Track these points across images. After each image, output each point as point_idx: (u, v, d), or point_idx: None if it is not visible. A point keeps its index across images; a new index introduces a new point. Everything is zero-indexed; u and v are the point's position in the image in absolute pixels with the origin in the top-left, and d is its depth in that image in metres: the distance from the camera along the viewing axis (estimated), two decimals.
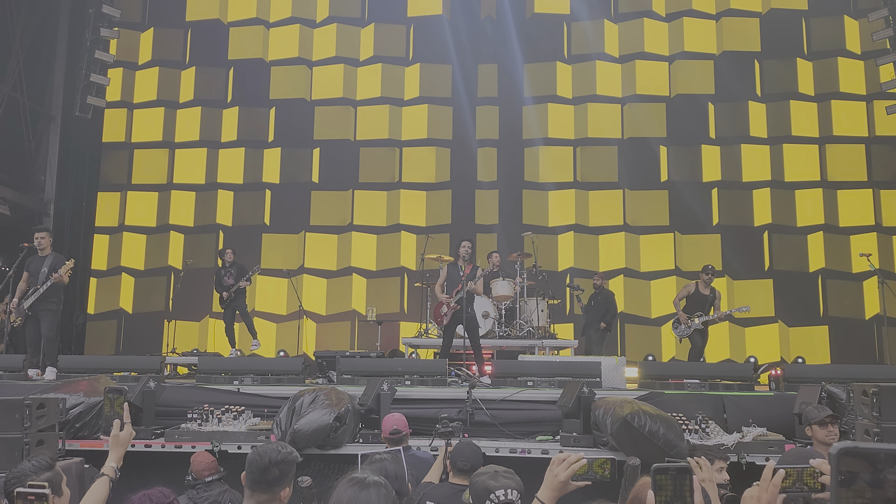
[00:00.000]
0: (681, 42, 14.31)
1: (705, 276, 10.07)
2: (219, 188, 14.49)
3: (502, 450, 6.10)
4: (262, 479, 2.80)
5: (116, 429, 3.22)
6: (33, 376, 8.08)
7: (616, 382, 7.83)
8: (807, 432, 5.16)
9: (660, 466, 1.68)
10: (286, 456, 2.87)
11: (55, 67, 13.44)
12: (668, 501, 1.66)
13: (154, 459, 6.13)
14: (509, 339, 10.63)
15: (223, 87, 14.82)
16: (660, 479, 1.67)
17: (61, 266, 8.44)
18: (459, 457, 4.08)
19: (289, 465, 2.88)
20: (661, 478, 1.67)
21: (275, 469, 2.81)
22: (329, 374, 8.74)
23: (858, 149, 13.61)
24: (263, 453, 2.84)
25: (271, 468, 2.80)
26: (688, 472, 1.68)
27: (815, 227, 13.48)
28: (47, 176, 13.17)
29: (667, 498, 1.66)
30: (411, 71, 14.68)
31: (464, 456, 4.07)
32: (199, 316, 13.75)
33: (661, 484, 1.67)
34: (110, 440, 3.21)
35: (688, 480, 1.67)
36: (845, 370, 7.74)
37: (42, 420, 5.20)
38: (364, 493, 2.23)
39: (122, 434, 3.21)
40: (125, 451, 3.25)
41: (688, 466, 1.72)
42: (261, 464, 2.80)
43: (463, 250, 8.82)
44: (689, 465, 1.76)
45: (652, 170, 13.98)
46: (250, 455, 2.88)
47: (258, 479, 2.80)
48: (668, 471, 1.67)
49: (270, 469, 2.80)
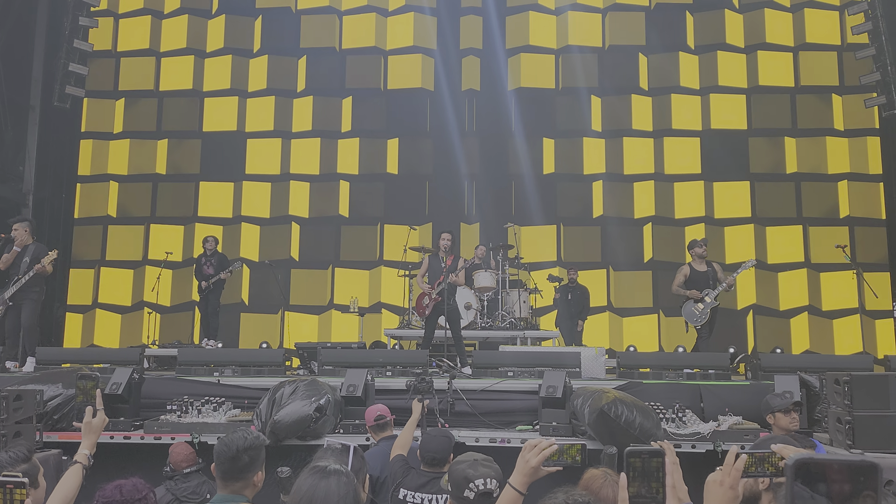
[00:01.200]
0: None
1: (698, 249, 9.16)
2: (202, 180, 14.38)
3: (482, 439, 6.16)
4: (234, 467, 2.81)
5: (89, 416, 3.21)
6: (11, 368, 8.03)
7: (595, 372, 7.91)
8: (769, 420, 5.23)
9: (633, 450, 1.72)
10: (253, 441, 2.88)
11: (33, 57, 13.27)
12: (640, 484, 1.70)
13: (133, 451, 6.13)
14: (491, 330, 10.69)
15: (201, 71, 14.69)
16: (633, 462, 1.71)
17: (44, 256, 8.39)
18: (427, 449, 4.11)
19: (257, 449, 2.89)
20: (635, 461, 1.71)
21: (244, 456, 2.82)
22: (310, 365, 8.75)
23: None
24: (230, 442, 2.85)
25: (240, 455, 2.81)
26: (660, 455, 1.72)
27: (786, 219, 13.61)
28: (26, 166, 13.03)
29: (639, 480, 1.70)
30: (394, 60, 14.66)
31: (431, 449, 4.10)
32: (182, 308, 13.69)
33: (635, 466, 1.71)
34: (83, 427, 3.21)
35: (659, 463, 1.71)
36: (819, 359, 7.87)
37: (19, 412, 5.19)
38: (324, 482, 2.23)
39: (95, 421, 3.21)
40: (98, 437, 3.25)
41: (660, 450, 1.76)
42: (229, 453, 2.81)
43: (443, 242, 8.86)
44: (662, 448, 1.80)
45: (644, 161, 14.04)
46: (217, 446, 2.88)
47: (229, 468, 2.81)
48: (641, 454, 1.71)
49: (240, 457, 2.81)
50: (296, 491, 2.25)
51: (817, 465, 1.19)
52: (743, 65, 14.05)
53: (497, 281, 10.91)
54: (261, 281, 13.71)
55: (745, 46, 14.09)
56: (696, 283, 9.04)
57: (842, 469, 1.17)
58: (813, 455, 1.24)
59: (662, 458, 1.74)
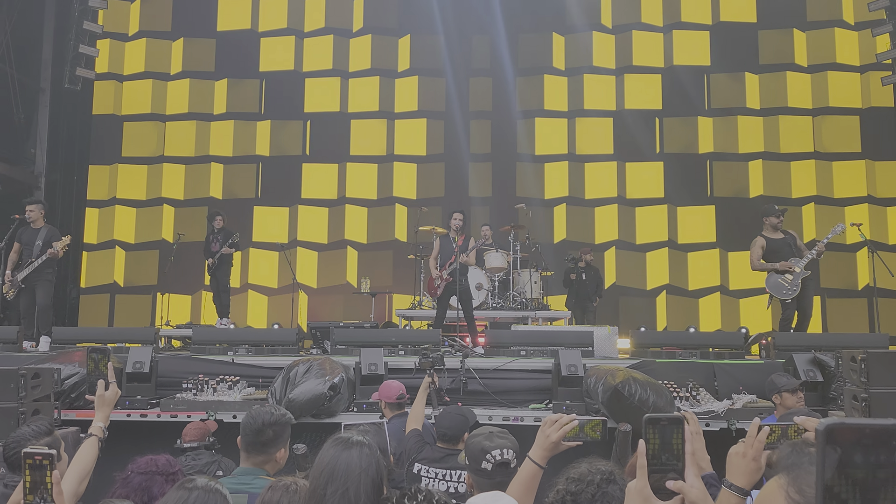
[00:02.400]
0: (677, 13, 14.21)
1: (773, 218, 8.22)
2: (211, 161, 14.40)
3: (495, 418, 6.17)
4: (257, 440, 2.84)
5: (101, 389, 3.23)
6: (27, 348, 8.10)
7: (608, 352, 7.90)
8: (774, 400, 5.29)
9: (651, 417, 1.70)
10: (279, 418, 2.92)
11: (43, 39, 13.27)
12: (659, 451, 1.69)
13: (149, 429, 6.18)
14: (502, 310, 10.69)
15: (212, 58, 14.66)
16: (650, 431, 1.70)
17: (56, 240, 8.43)
18: (442, 425, 4.12)
19: (283, 426, 2.92)
20: (652, 429, 1.70)
21: (269, 430, 2.86)
22: (323, 344, 8.78)
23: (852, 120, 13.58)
24: (257, 416, 2.88)
25: (265, 430, 2.85)
26: (679, 423, 1.71)
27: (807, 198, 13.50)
28: (37, 149, 13.07)
29: (656, 448, 1.69)
30: (403, 42, 14.55)
31: (446, 425, 4.10)
32: (192, 289, 13.75)
33: (652, 435, 1.70)
34: (96, 400, 3.22)
35: (679, 431, 1.70)
36: (834, 338, 7.81)
37: (37, 390, 5.23)
38: (346, 453, 2.24)
39: (108, 394, 3.22)
40: (111, 410, 3.26)
41: (680, 417, 1.74)
42: (255, 426, 2.85)
43: (455, 222, 8.85)
44: (681, 416, 1.79)
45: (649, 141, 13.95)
46: (244, 418, 2.92)
47: (253, 440, 2.85)
48: (660, 421, 1.70)
49: (264, 430, 2.85)
50: (318, 462, 2.26)
51: (850, 430, 1.16)
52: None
53: (509, 262, 10.90)
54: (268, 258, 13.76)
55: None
56: (777, 253, 8.13)
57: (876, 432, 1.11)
58: (844, 419, 1.20)
59: (682, 425, 1.73)
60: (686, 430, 1.74)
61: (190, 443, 5.03)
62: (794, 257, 8.03)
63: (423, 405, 4.98)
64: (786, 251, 8.11)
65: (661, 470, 1.70)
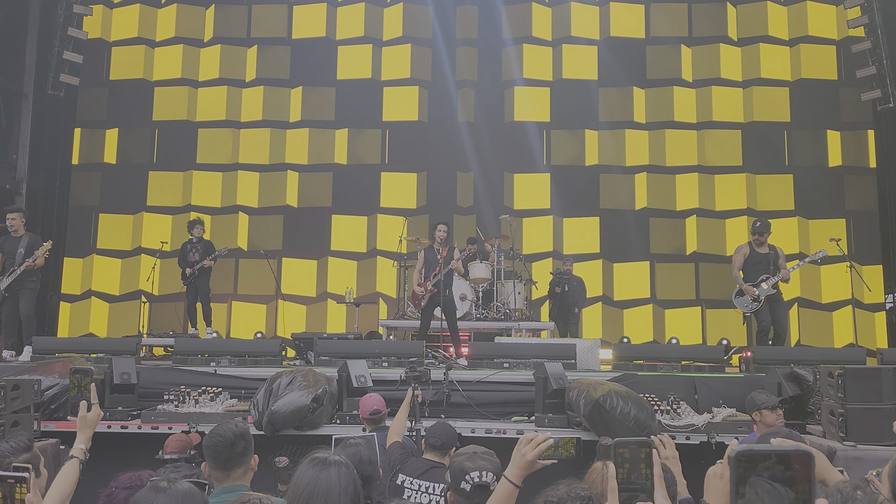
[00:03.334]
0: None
1: (757, 236, 8.51)
2: (196, 169, 14.33)
3: (478, 430, 6.20)
4: (232, 453, 2.87)
5: (83, 410, 3.21)
6: (7, 357, 8.03)
7: (591, 364, 7.96)
8: (754, 416, 5.36)
9: (621, 440, 1.76)
10: (243, 427, 2.97)
11: (27, 44, 13.16)
12: (628, 473, 1.74)
13: (130, 441, 6.14)
14: (486, 321, 10.72)
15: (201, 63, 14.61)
16: (621, 452, 1.75)
17: (38, 247, 8.37)
18: (432, 434, 4.17)
19: (248, 435, 2.99)
20: (622, 451, 1.75)
21: (241, 442, 2.90)
22: (307, 355, 8.77)
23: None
24: (223, 433, 2.92)
25: (237, 442, 2.89)
26: (647, 445, 1.76)
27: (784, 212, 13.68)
28: (19, 154, 12.94)
29: (627, 470, 1.74)
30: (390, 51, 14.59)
31: (437, 433, 4.16)
32: (175, 298, 13.66)
33: (622, 456, 1.75)
34: (78, 422, 3.20)
35: (647, 453, 1.75)
36: (812, 352, 7.91)
37: (17, 401, 5.19)
38: (324, 473, 2.26)
39: (90, 415, 3.21)
40: (93, 431, 3.25)
41: (647, 440, 1.80)
42: (225, 441, 2.87)
43: (439, 233, 8.87)
44: (648, 439, 1.84)
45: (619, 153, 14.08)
46: (209, 441, 2.94)
47: (229, 455, 2.87)
48: (629, 444, 1.75)
49: (237, 443, 2.89)
50: (297, 483, 2.27)
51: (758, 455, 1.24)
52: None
53: (492, 272, 10.94)
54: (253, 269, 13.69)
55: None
56: (755, 266, 8.44)
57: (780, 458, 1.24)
58: (752, 445, 1.27)
59: (650, 447, 1.78)
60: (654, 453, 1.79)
61: (171, 454, 5.01)
62: (766, 274, 8.33)
63: (405, 419, 5.00)
64: (762, 266, 8.39)
65: (630, 490, 1.75)
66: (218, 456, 2.90)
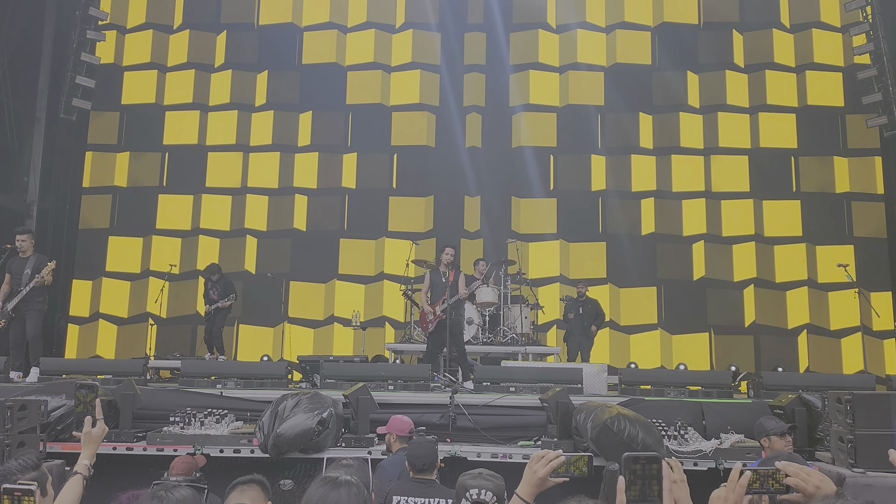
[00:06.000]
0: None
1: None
2: (206, 192, 14.43)
3: (484, 454, 6.16)
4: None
5: (88, 426, 3.21)
6: (15, 378, 8.04)
7: (597, 389, 7.91)
8: (763, 443, 5.33)
9: (630, 456, 1.76)
10: None
11: (40, 69, 13.38)
12: (638, 488, 1.74)
13: (135, 463, 6.13)
14: (493, 345, 10.69)
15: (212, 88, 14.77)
16: (633, 467, 1.75)
17: (44, 267, 8.42)
18: (416, 456, 4.20)
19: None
20: (634, 466, 1.76)
21: None
22: (312, 378, 8.75)
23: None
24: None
25: None
26: (656, 461, 1.76)
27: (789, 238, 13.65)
28: (31, 177, 13.10)
29: (637, 485, 1.74)
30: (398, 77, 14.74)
31: (419, 455, 4.19)
32: (184, 320, 13.70)
33: (633, 472, 1.75)
34: (82, 437, 3.20)
35: (657, 469, 1.75)
36: (820, 378, 7.86)
37: (23, 422, 5.19)
38: (335, 493, 2.27)
39: (95, 431, 3.21)
40: (98, 447, 3.25)
41: (657, 455, 1.81)
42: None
43: (446, 256, 8.88)
44: (658, 454, 1.85)
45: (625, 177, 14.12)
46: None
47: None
48: (639, 459, 1.76)
49: None
50: (307, 502, 2.28)
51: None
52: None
53: (499, 296, 10.93)
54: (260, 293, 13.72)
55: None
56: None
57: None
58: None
59: (660, 463, 1.79)
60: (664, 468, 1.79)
61: (176, 476, 4.99)
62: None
63: None
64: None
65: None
66: None
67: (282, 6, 14.92)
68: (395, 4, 14.89)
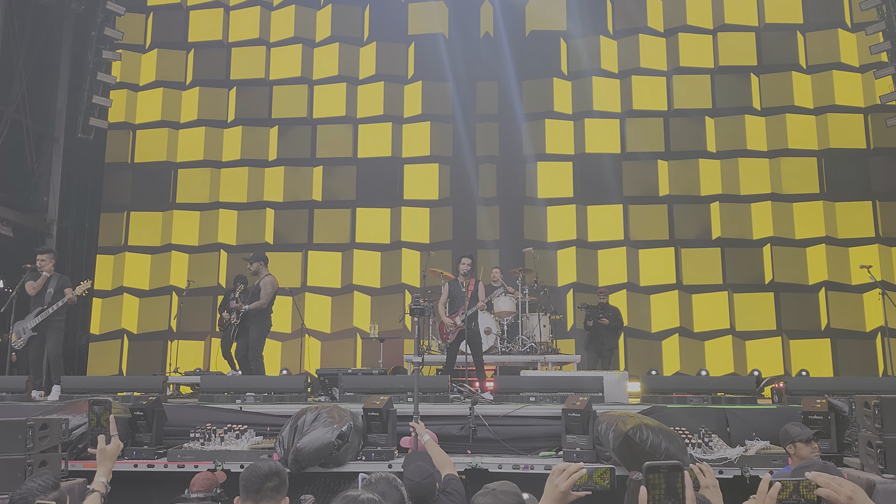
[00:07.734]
0: (677, 57, 14.40)
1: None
2: (221, 207, 14.52)
3: (505, 466, 6.10)
4: (264, 486, 2.87)
5: (102, 443, 3.21)
6: (36, 397, 8.09)
7: (618, 397, 7.82)
8: (788, 450, 5.23)
9: (652, 465, 1.71)
10: (279, 467, 2.97)
11: (58, 89, 13.55)
12: (660, 498, 1.69)
13: (157, 479, 6.13)
14: (511, 354, 10.64)
15: (225, 106, 14.90)
16: (652, 478, 1.70)
17: (67, 286, 8.48)
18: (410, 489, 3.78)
19: (283, 474, 2.98)
20: (654, 476, 1.71)
21: (274, 478, 2.90)
22: (332, 391, 8.74)
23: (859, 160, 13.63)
24: (258, 467, 2.92)
25: (271, 476, 2.89)
26: (679, 470, 1.71)
27: (815, 239, 13.48)
28: (50, 197, 13.24)
29: (659, 495, 1.69)
30: (412, 89, 14.76)
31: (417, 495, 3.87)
32: (202, 336, 13.76)
33: (654, 482, 1.70)
34: (97, 454, 3.20)
35: (680, 478, 1.70)
36: (848, 382, 7.72)
37: (45, 441, 5.21)
38: None
39: (109, 447, 3.20)
40: (113, 464, 3.24)
41: (679, 464, 1.76)
42: (260, 474, 2.88)
43: (463, 267, 8.86)
44: (680, 462, 1.80)
45: (651, 184, 14.02)
46: (245, 473, 2.94)
47: (260, 487, 2.87)
48: (661, 469, 1.71)
49: (271, 477, 2.89)
50: None
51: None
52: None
53: (517, 305, 10.88)
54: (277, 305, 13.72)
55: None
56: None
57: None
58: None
59: (682, 472, 1.74)
60: (686, 476, 1.74)
61: (197, 493, 4.99)
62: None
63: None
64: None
65: None
66: (250, 486, 2.91)
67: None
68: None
